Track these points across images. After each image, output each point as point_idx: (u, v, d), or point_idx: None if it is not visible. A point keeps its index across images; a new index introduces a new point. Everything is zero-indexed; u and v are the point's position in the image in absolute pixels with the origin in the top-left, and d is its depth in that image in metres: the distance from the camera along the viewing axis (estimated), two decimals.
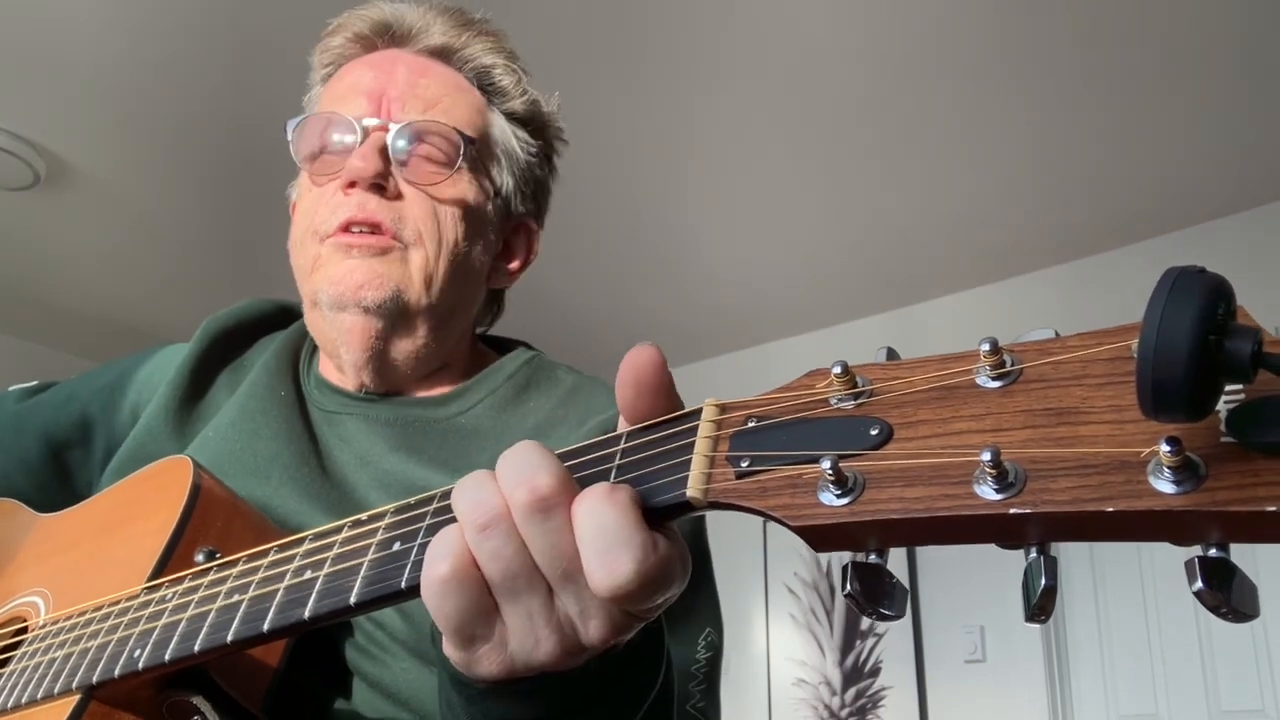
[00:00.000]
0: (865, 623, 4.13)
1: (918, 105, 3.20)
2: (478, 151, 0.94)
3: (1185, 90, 3.08)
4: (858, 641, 4.13)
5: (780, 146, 3.42)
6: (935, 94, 3.15)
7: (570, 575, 0.47)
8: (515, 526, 0.48)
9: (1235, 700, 3.38)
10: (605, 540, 0.45)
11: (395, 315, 0.90)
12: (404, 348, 0.92)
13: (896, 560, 4.13)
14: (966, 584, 3.88)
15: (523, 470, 0.48)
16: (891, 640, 4.04)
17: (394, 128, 0.90)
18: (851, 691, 4.08)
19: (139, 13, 2.87)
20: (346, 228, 0.89)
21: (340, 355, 0.92)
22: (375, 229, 0.88)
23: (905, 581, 4.05)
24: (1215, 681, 3.43)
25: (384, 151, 0.89)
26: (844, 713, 4.07)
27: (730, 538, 4.29)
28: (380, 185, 0.89)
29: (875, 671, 4.05)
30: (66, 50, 3.01)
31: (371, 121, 0.90)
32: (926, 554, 4.04)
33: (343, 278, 0.88)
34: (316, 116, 0.93)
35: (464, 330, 0.99)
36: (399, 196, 0.90)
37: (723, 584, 0.92)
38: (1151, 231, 3.78)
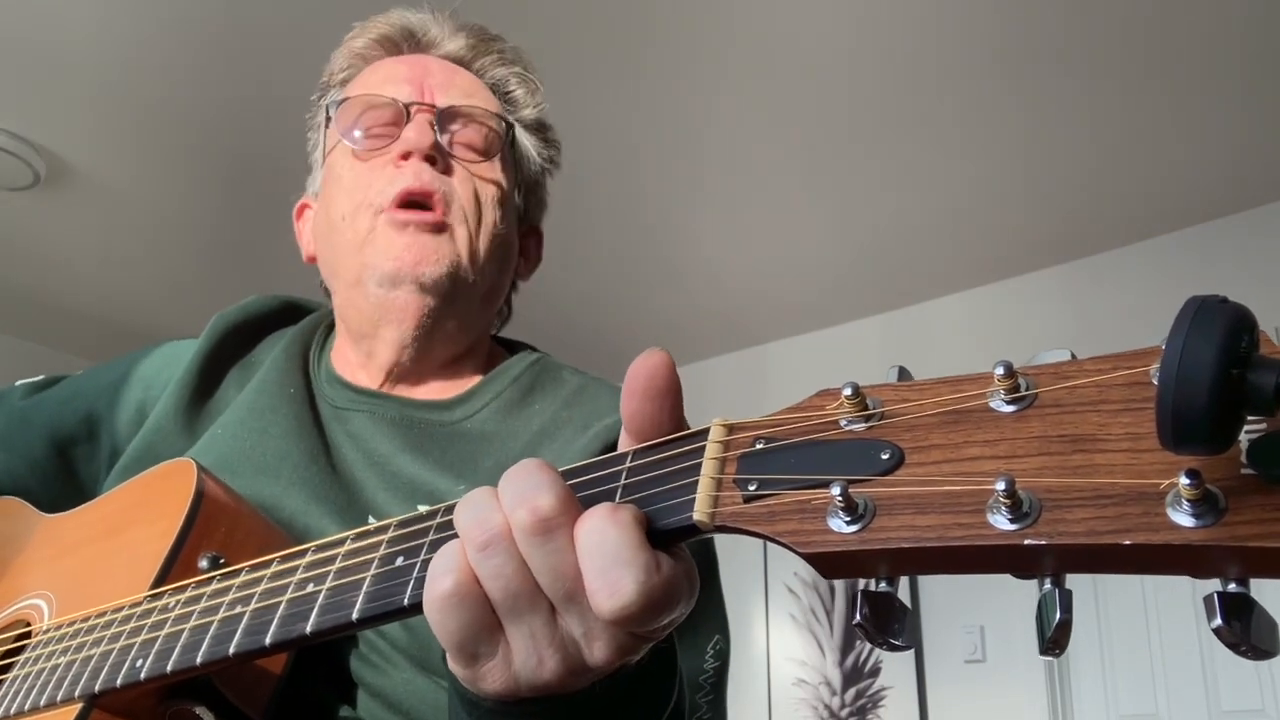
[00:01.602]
0: None
1: (917, 106, 3.19)
2: (511, 144, 0.98)
3: (1185, 90, 3.08)
4: (858, 641, 4.12)
5: (780, 146, 3.41)
6: (935, 94, 3.14)
7: (572, 596, 0.46)
8: (513, 545, 0.47)
9: (1235, 700, 3.38)
10: (607, 560, 0.45)
11: (449, 292, 0.91)
12: (449, 328, 0.93)
13: None
14: (966, 584, 3.88)
15: (524, 490, 0.48)
16: None
17: (439, 108, 0.94)
18: (851, 691, 4.08)
19: (140, 12, 2.86)
20: (404, 199, 0.90)
21: (380, 334, 0.93)
22: (428, 197, 0.90)
23: (906, 582, 4.02)
24: (1215, 681, 3.43)
25: (433, 128, 0.92)
26: (844, 713, 4.07)
27: (731, 538, 4.28)
28: (433, 158, 0.92)
29: (875, 671, 4.04)
30: (67, 50, 3.00)
31: (416, 104, 0.94)
32: None
33: (400, 254, 0.89)
34: (360, 97, 0.96)
35: (489, 320, 1.01)
36: (449, 171, 0.93)
37: (724, 584, 0.92)
38: (1151, 231, 3.78)
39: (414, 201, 0.90)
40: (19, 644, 0.83)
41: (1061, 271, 4.01)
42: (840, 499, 0.40)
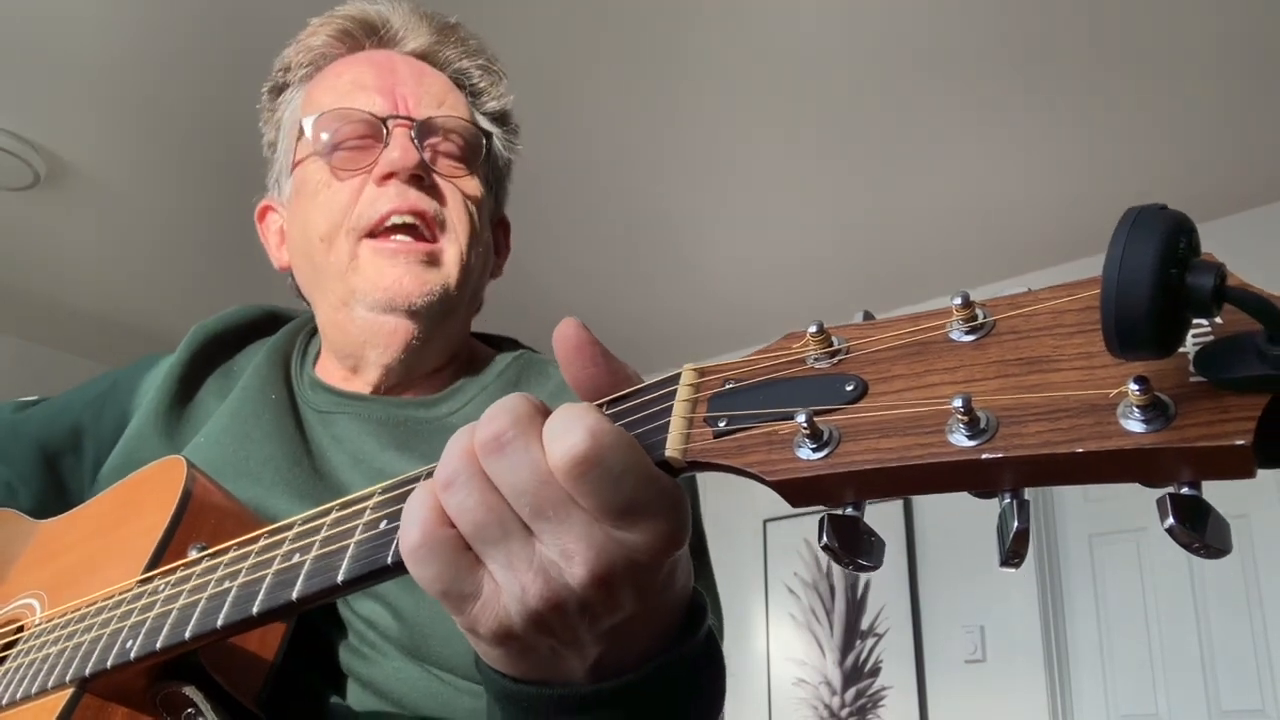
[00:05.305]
0: (865, 622, 4.13)
1: (918, 105, 3.20)
2: (487, 152, 0.96)
3: (1185, 90, 3.09)
4: (858, 641, 4.12)
5: (781, 147, 3.42)
6: (936, 94, 3.15)
7: (539, 511, 0.47)
8: (471, 478, 0.48)
9: (1235, 700, 3.38)
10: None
11: (438, 314, 0.91)
12: (436, 344, 0.94)
13: (896, 560, 4.15)
14: (966, 584, 3.88)
15: (483, 418, 0.49)
16: (891, 640, 4.03)
17: (417, 122, 0.90)
18: (851, 691, 4.07)
19: (139, 11, 2.87)
20: (386, 220, 0.89)
21: (365, 355, 0.93)
22: (420, 216, 0.89)
23: (905, 582, 4.05)
24: (1215, 681, 3.42)
25: (414, 144, 0.90)
26: (844, 713, 4.07)
27: (731, 538, 4.29)
28: (419, 176, 0.89)
29: (875, 671, 4.04)
30: (66, 50, 3.01)
31: (393, 117, 0.91)
32: (927, 554, 4.04)
33: (391, 284, 0.88)
34: (335, 112, 0.93)
35: (470, 322, 1.01)
36: (435, 189, 0.91)
37: (723, 584, 0.92)
38: None
39: (402, 224, 0.89)
40: (12, 640, 0.83)
41: (1061, 272, 4.01)
42: (806, 427, 0.41)
